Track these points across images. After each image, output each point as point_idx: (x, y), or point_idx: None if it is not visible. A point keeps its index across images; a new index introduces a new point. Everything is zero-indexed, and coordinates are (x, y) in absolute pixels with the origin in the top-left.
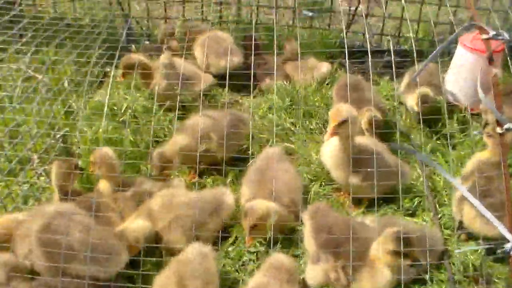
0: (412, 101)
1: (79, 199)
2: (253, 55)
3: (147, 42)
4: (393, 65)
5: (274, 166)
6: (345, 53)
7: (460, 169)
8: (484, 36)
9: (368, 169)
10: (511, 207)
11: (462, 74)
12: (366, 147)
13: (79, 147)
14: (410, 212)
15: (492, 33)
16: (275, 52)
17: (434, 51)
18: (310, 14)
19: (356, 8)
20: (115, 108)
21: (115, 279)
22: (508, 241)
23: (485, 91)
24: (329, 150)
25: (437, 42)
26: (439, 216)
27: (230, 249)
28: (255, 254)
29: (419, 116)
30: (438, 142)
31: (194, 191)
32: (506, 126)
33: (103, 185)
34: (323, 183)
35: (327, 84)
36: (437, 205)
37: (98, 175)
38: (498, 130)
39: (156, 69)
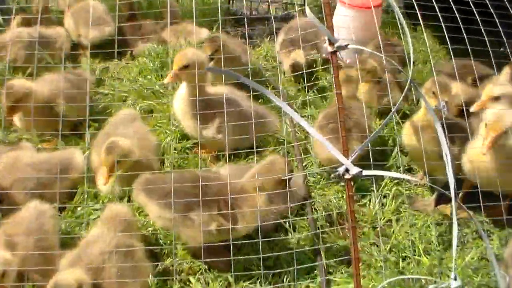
0: (286, 65)
1: None
2: None
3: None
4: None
5: (122, 128)
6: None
7: None
8: None
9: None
10: (344, 132)
11: (341, 29)
12: (218, 96)
13: None
14: None
15: None
16: None
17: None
18: None
19: None
20: None
21: None
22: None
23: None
24: (178, 99)
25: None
26: (304, 164)
27: (79, 208)
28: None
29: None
30: (311, 94)
31: (42, 153)
32: (337, 44)
33: None
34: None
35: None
36: (302, 153)
37: None
38: (329, 48)
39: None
